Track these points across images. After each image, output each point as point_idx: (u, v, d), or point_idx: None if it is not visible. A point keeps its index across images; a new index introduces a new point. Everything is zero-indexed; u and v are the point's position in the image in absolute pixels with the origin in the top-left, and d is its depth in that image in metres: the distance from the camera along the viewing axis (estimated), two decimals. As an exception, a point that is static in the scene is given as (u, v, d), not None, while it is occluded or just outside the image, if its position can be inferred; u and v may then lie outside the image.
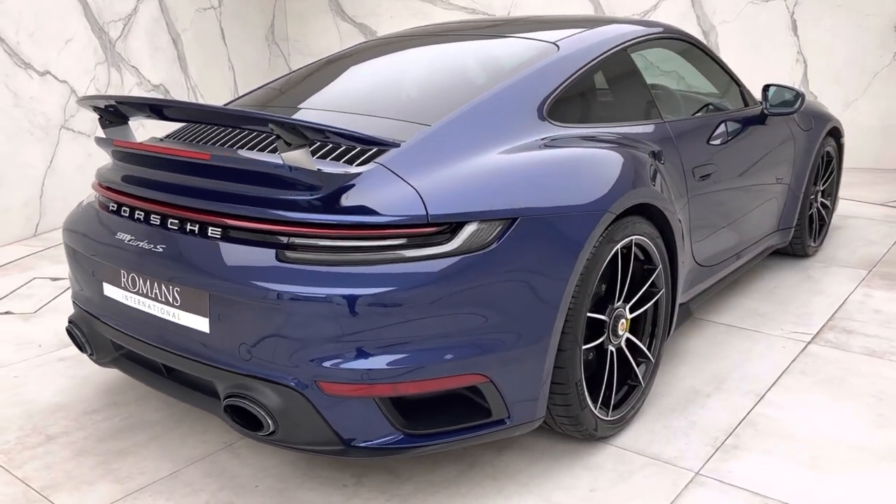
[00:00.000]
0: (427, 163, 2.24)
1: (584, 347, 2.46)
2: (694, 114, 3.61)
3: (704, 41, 5.13)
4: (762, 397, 2.91)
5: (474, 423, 2.23)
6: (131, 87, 6.16)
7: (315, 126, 2.03)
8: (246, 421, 2.16)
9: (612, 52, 2.96)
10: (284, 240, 2.09)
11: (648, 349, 2.79)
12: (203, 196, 2.22)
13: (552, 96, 2.66)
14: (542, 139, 2.54)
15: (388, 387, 2.08)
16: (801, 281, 4.05)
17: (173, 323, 2.26)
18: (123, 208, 2.43)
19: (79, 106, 2.49)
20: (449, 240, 2.11)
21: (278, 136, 2.07)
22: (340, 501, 2.32)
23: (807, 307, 3.73)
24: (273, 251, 2.08)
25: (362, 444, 2.13)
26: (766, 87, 3.69)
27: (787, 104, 3.67)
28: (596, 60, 2.88)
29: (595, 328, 2.52)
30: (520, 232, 2.20)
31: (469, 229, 2.14)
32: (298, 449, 2.16)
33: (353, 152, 2.26)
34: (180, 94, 6.44)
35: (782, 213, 4.03)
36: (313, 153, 2.24)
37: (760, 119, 3.70)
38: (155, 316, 2.31)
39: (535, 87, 2.64)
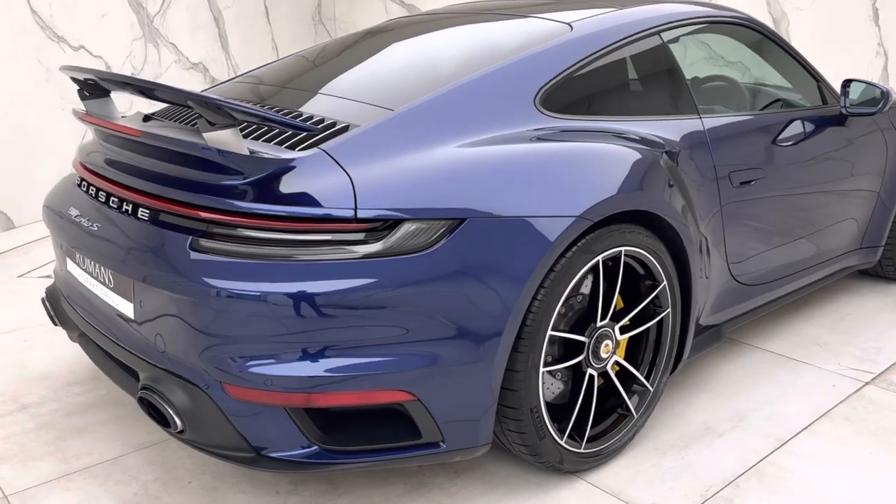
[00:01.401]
0: (376, 152, 2.02)
1: (552, 369, 2.18)
2: (753, 111, 3.17)
3: (775, 30, 4.57)
4: (785, 443, 2.50)
5: (402, 444, 2.00)
6: (169, 65, 5.97)
7: (231, 106, 1.86)
8: (160, 416, 2.04)
9: (637, 36, 2.60)
10: (204, 227, 1.94)
11: (648, 376, 2.46)
12: (140, 175, 2.11)
13: (550, 83, 2.36)
14: (534, 130, 2.26)
15: (301, 396, 1.89)
16: (881, 309, 3.51)
17: (109, 305, 2.18)
18: (83, 184, 2.37)
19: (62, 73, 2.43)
20: (380, 238, 1.89)
21: (200, 116, 1.92)
22: (266, 510, 2.17)
23: (878, 340, 3.22)
24: (189, 238, 1.93)
25: (274, 455, 1.95)
26: (845, 83, 3.19)
27: (870, 103, 3.15)
28: (614, 45, 2.54)
29: (578, 349, 2.24)
30: (466, 235, 1.95)
31: (405, 229, 1.91)
32: (209, 452, 2.01)
33: (299, 136, 2.07)
34: (220, 72, 6.30)
35: (867, 230, 3.51)
36: (274, 138, 2.08)
37: (838, 120, 3.21)
38: (97, 296, 2.24)
39: (529, 73, 2.35)
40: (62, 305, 2.52)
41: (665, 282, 2.38)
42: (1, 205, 5.06)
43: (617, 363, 2.36)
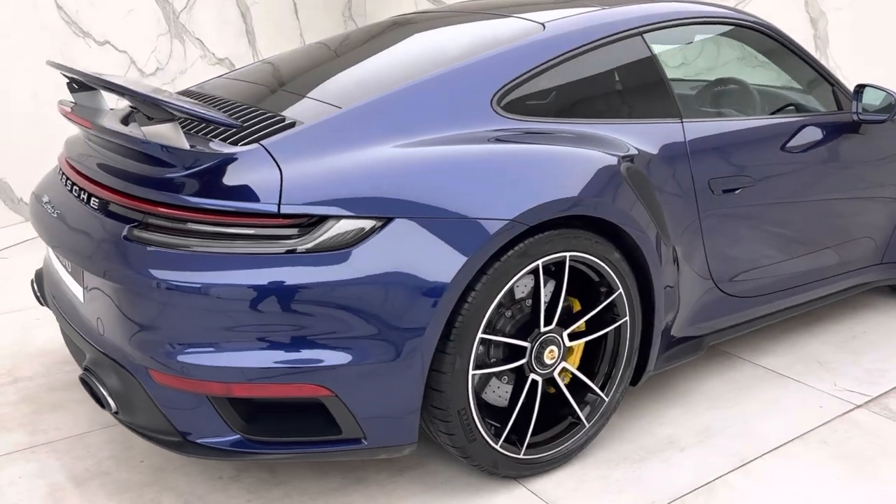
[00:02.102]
0: (314, 149, 2.04)
1: (485, 372, 2.16)
2: (760, 115, 3.04)
3: (811, 31, 4.31)
4: (747, 463, 2.40)
5: (324, 439, 2.02)
6: (194, 60, 5.90)
7: (158, 101, 1.92)
8: (97, 397, 2.13)
9: (614, 37, 2.53)
10: (140, 217, 2.01)
11: (604, 385, 2.40)
12: (96, 167, 2.19)
13: (511, 84, 2.32)
14: (492, 131, 2.23)
15: (222, 386, 1.94)
16: (899, 329, 3.32)
17: (69, 289, 2.28)
18: (61, 174, 2.48)
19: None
20: (305, 235, 1.92)
21: (137, 110, 1.99)
22: (204, 492, 2.22)
23: (886, 362, 3.04)
24: (125, 228, 2.00)
25: (199, 441, 2.01)
26: (858, 88, 3.01)
27: (885, 110, 2.97)
28: (586, 46, 2.48)
29: (521, 353, 2.21)
30: (392, 235, 1.95)
31: (332, 226, 1.92)
32: (141, 435, 2.08)
33: (246, 132, 2.11)
34: None
35: (890, 244, 3.31)
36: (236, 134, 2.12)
37: (851, 127, 3.04)
38: (62, 280, 2.34)
39: (486, 74, 2.31)
40: (45, 287, 2.65)
41: (621, 290, 2.32)
42: (26, 196, 5.00)
43: (566, 370, 2.32)
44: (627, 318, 2.36)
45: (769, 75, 3.18)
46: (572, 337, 2.30)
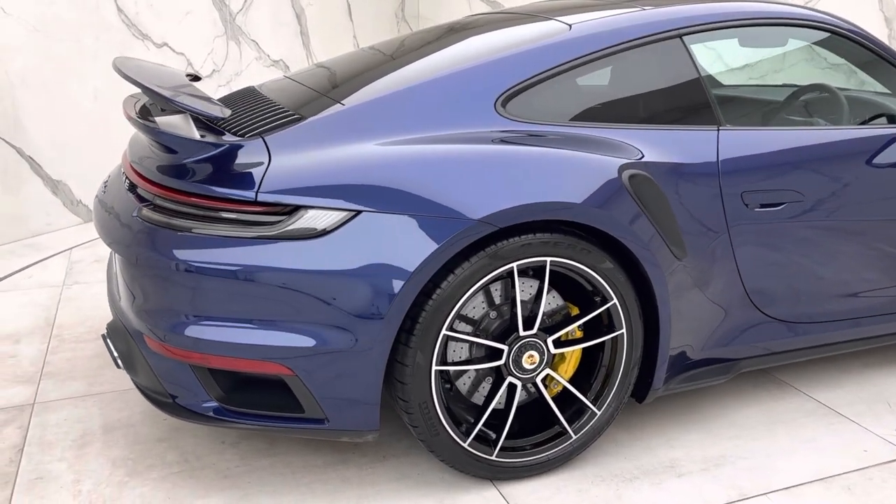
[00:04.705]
0: (307, 143, 2.16)
1: (447, 369, 2.18)
2: (845, 125, 2.77)
3: (885, 30, 3.78)
4: (746, 499, 2.23)
5: (289, 415, 2.14)
6: (249, 62, 5.95)
7: (164, 95, 2.12)
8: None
9: (645, 39, 2.43)
10: (151, 198, 2.22)
11: (596, 398, 2.33)
12: (133, 153, 2.44)
13: (518, 86, 2.31)
14: (496, 132, 2.24)
15: (198, 356, 2.11)
16: None
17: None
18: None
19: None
20: (277, 223, 2.04)
21: (153, 103, 2.21)
22: (203, 453, 2.40)
23: (970, 411, 2.68)
24: (137, 207, 2.23)
25: (183, 405, 2.20)
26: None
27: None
28: (614, 48, 2.39)
29: (497, 356, 2.21)
30: (358, 228, 2.02)
31: (304, 216, 2.04)
32: (142, 392, 2.29)
33: (267, 126, 2.24)
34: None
35: None
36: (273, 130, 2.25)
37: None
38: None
39: (493, 76, 2.30)
40: None
41: (615, 301, 2.24)
42: (84, 198, 5.03)
43: (552, 377, 2.28)
44: (624, 330, 2.28)
45: (854, 81, 2.90)
46: (559, 344, 2.26)
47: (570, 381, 2.32)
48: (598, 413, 2.33)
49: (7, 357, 3.07)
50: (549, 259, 2.15)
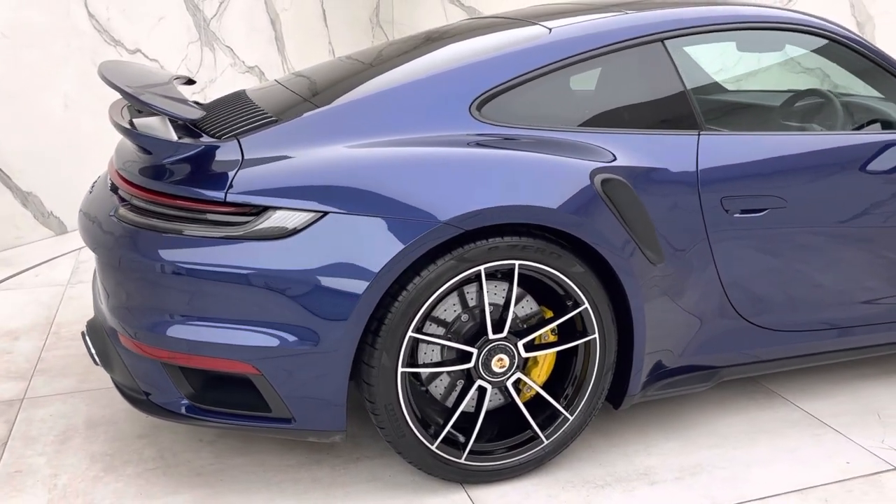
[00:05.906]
0: (280, 145, 2.17)
1: (415, 371, 2.19)
2: (840, 131, 2.73)
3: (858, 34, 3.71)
4: (718, 509, 2.20)
5: (257, 414, 2.15)
6: (224, 68, 5.80)
7: (135, 96, 2.15)
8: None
9: (624, 43, 2.41)
10: (128, 198, 2.26)
11: (569, 403, 2.31)
12: (117, 155, 2.48)
13: (493, 89, 2.31)
14: (470, 136, 2.24)
15: (166, 353, 2.14)
16: None
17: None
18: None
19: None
20: (245, 223, 2.07)
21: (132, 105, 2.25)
22: (180, 450, 2.43)
23: (962, 425, 2.61)
24: (115, 207, 2.27)
25: (156, 402, 2.23)
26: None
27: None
28: (592, 52, 2.38)
29: (467, 358, 2.21)
30: (324, 229, 2.03)
31: (271, 216, 2.05)
32: (118, 388, 2.33)
33: (246, 127, 2.27)
34: (276, 75, 5.55)
35: None
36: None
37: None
38: None
39: (467, 80, 2.31)
40: None
41: (587, 305, 2.23)
42: (55, 209, 4.81)
43: (522, 381, 2.27)
44: (596, 335, 2.26)
45: (827, 84, 2.86)
46: (530, 348, 2.25)
47: (544, 386, 2.32)
48: (571, 418, 2.31)
49: (3, 353, 3.14)
50: (517, 262, 2.14)
